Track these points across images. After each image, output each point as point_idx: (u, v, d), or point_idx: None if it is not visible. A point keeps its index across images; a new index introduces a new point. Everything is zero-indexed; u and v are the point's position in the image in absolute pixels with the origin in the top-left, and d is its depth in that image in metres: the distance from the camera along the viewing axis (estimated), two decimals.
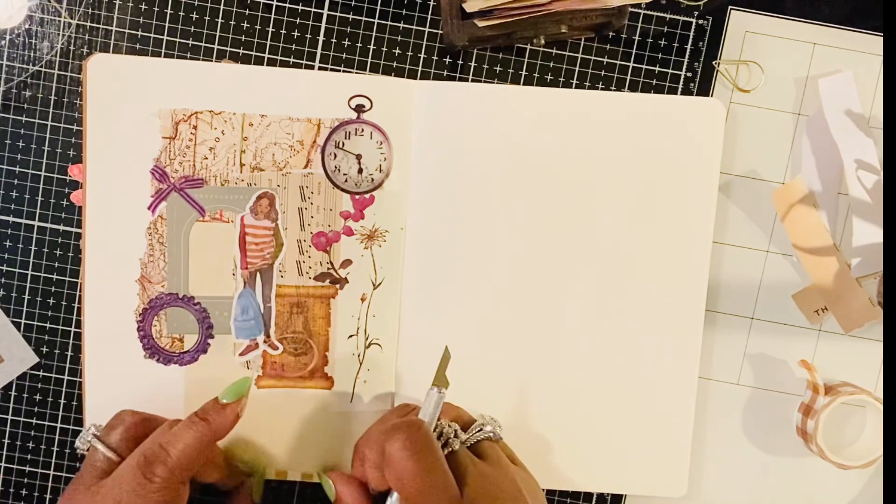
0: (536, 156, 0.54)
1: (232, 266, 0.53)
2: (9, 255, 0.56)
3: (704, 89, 0.56)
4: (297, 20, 0.55)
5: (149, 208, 0.53)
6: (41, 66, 0.55)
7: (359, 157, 0.53)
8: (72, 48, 0.55)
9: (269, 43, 0.55)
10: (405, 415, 0.50)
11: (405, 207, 0.54)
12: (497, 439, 0.49)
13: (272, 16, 0.55)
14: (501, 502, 0.44)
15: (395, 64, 0.55)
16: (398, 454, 0.43)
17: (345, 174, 0.53)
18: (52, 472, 0.57)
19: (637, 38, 0.56)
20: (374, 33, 0.55)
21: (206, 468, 0.49)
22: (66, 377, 0.56)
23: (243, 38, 0.55)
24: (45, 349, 0.56)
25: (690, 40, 0.56)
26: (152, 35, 0.55)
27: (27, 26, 0.54)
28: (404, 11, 0.55)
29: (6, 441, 0.57)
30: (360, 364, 0.54)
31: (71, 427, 0.56)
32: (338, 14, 0.55)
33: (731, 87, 0.56)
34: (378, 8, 0.55)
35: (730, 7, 0.55)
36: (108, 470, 0.47)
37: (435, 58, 0.55)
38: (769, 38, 0.56)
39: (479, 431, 0.48)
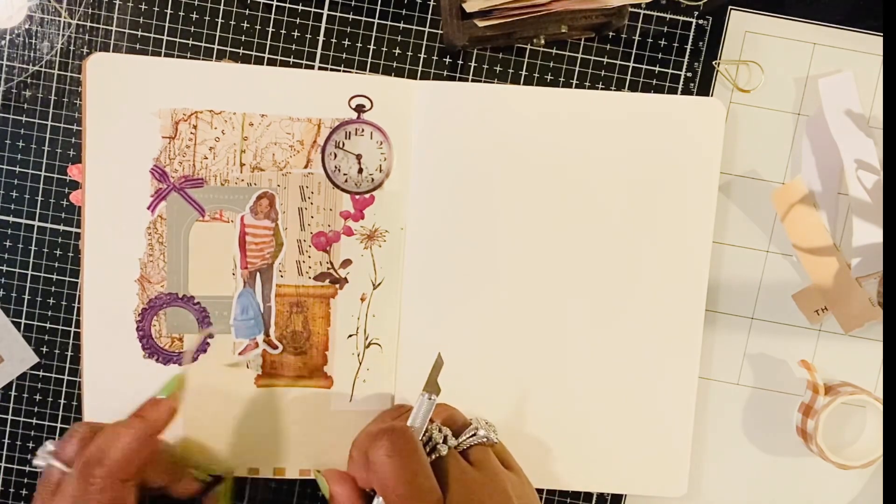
0: (536, 156, 0.54)
1: (232, 266, 0.53)
2: (9, 255, 0.56)
3: (704, 89, 0.56)
4: (297, 20, 0.55)
5: (148, 208, 0.53)
6: (41, 66, 0.55)
7: (359, 157, 0.53)
8: (72, 48, 0.55)
9: (269, 43, 0.55)
10: (398, 416, 0.50)
11: (405, 207, 0.54)
12: (491, 444, 0.48)
13: (272, 16, 0.55)
14: None
15: (395, 64, 0.55)
16: (381, 459, 0.43)
17: (345, 174, 0.53)
18: None
19: (637, 38, 0.56)
20: (374, 33, 0.55)
21: (150, 470, 0.47)
22: (66, 377, 0.56)
23: (243, 38, 0.55)
24: (45, 349, 0.56)
25: (690, 40, 0.56)
26: (152, 35, 0.55)
27: (27, 26, 0.54)
28: (404, 11, 0.55)
29: (6, 441, 0.57)
30: (360, 364, 0.54)
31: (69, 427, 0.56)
32: (338, 14, 0.55)
33: (731, 87, 0.56)
34: (378, 8, 0.55)
35: (730, 7, 0.55)
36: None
37: (435, 58, 0.55)
38: (769, 38, 0.56)
39: (472, 436, 0.48)
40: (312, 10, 0.55)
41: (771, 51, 0.56)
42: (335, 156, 0.53)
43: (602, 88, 0.56)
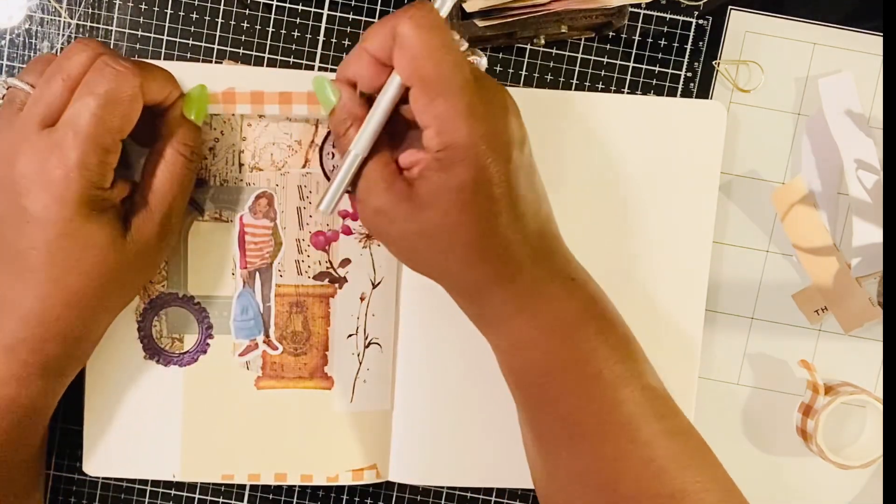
0: (536, 156, 0.54)
1: (231, 266, 0.53)
2: None
3: (704, 89, 0.56)
4: (297, 20, 0.55)
5: None
6: None
7: None
8: None
9: (269, 43, 0.55)
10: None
11: None
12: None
13: (272, 16, 0.55)
14: (503, 110, 0.43)
15: None
16: (412, 32, 0.40)
17: None
18: (52, 472, 0.57)
19: (637, 38, 0.56)
20: None
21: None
22: None
23: (243, 38, 0.55)
24: None
25: (690, 40, 0.56)
26: (152, 35, 0.55)
27: (27, 26, 0.55)
28: None
29: None
30: (360, 363, 0.54)
31: (71, 427, 0.56)
32: (338, 14, 0.55)
33: (731, 87, 0.56)
34: (378, 8, 0.55)
35: (730, 7, 0.55)
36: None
37: None
38: (769, 38, 0.56)
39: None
40: (312, 10, 0.55)
41: (771, 51, 0.56)
42: (333, 155, 0.53)
43: (602, 88, 0.56)
